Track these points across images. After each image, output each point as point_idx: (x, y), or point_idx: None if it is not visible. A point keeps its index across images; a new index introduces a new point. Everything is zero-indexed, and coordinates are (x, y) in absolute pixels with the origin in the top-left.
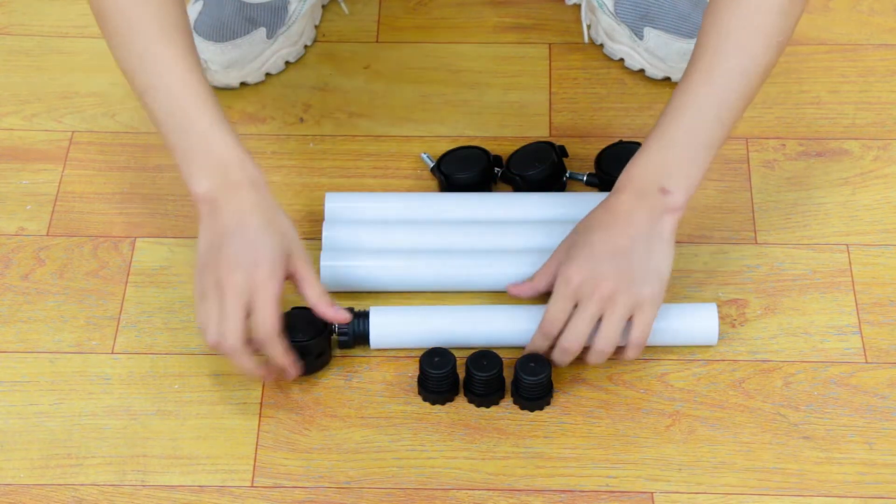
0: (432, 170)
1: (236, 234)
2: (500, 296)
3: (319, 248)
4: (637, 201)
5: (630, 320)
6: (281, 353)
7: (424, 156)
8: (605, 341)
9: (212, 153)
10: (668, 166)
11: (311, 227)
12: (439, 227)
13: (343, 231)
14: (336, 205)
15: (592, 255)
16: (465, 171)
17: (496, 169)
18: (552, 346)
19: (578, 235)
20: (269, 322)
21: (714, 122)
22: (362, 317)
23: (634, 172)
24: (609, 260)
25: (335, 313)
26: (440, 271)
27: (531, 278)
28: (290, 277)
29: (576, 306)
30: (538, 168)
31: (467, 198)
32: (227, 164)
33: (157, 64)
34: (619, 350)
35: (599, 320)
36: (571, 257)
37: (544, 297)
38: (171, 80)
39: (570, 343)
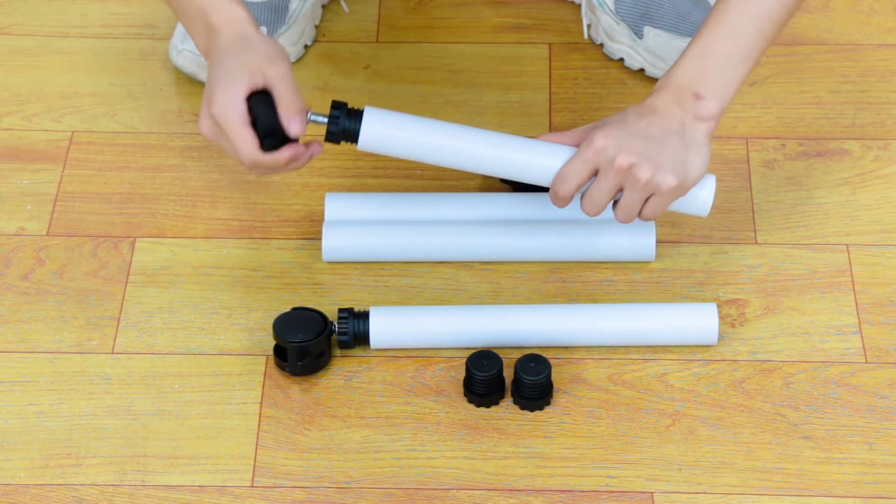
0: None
1: (211, 65)
2: (500, 296)
3: (319, 248)
4: (673, 102)
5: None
6: (270, 163)
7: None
8: (623, 215)
9: (195, 7)
10: (705, 74)
11: (311, 227)
12: (439, 227)
13: (343, 231)
14: (336, 205)
15: (624, 129)
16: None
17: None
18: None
19: (612, 116)
20: (242, 145)
21: (754, 33)
22: (362, 317)
23: (672, 77)
24: (639, 137)
25: (292, 124)
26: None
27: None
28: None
29: (594, 176)
30: None
31: (467, 198)
32: (205, 10)
33: None
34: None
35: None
36: (604, 123)
37: (545, 297)
38: None
39: (588, 211)
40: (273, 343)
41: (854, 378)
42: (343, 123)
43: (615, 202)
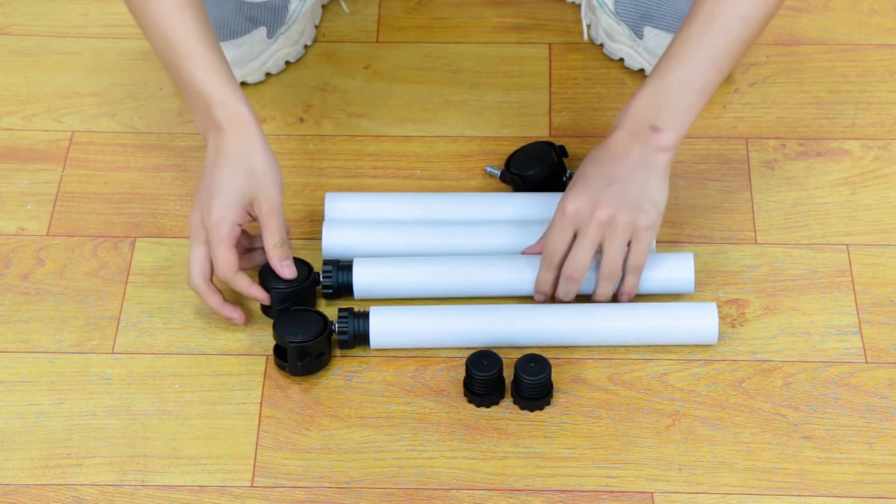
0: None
1: (205, 176)
2: (499, 296)
3: (319, 248)
4: (630, 138)
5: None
6: (245, 287)
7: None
8: (610, 265)
9: (199, 96)
10: (662, 106)
11: (311, 227)
12: (439, 227)
13: (343, 231)
14: (336, 205)
15: (588, 185)
16: (535, 167)
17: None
18: (555, 287)
19: (575, 173)
20: (221, 262)
21: (710, 67)
22: (362, 317)
23: (629, 111)
24: (605, 187)
25: (283, 269)
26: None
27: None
28: (256, 220)
29: (575, 237)
30: (538, 168)
31: (467, 198)
32: (210, 103)
33: (157, 7)
34: (618, 292)
35: (598, 253)
36: (568, 190)
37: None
38: (169, 21)
39: (573, 271)
40: (273, 343)
41: (854, 378)
42: (337, 277)
43: (596, 263)
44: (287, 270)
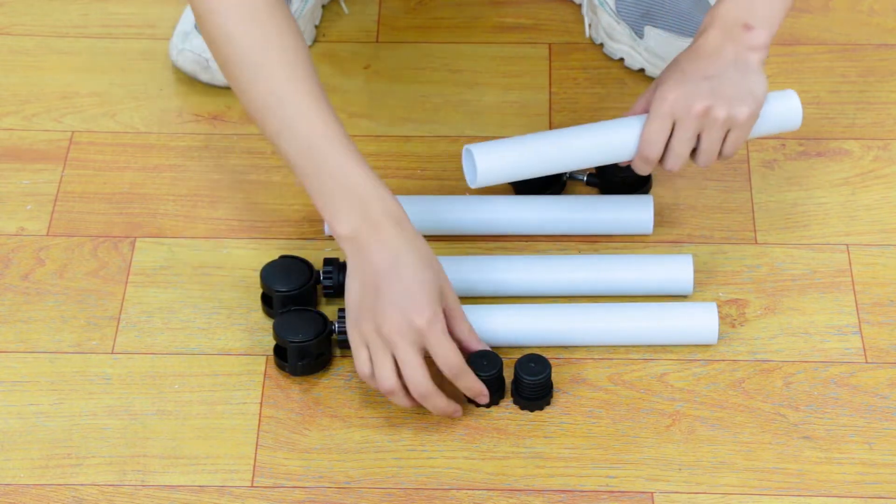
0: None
1: (391, 277)
2: (499, 296)
3: (319, 248)
4: (723, 37)
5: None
6: (474, 382)
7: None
8: (707, 158)
9: (350, 191)
10: (753, 4)
11: (311, 228)
12: (439, 228)
13: None
14: None
15: (685, 78)
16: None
17: None
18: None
19: (667, 69)
20: (452, 357)
21: None
22: None
23: (720, 9)
24: (703, 81)
25: (477, 347)
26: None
27: (629, 110)
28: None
29: (673, 128)
30: None
31: (466, 200)
32: (367, 200)
33: (285, 107)
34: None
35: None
36: (663, 80)
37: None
38: (301, 122)
39: (674, 166)
40: (273, 343)
41: (854, 378)
42: None
43: (693, 151)
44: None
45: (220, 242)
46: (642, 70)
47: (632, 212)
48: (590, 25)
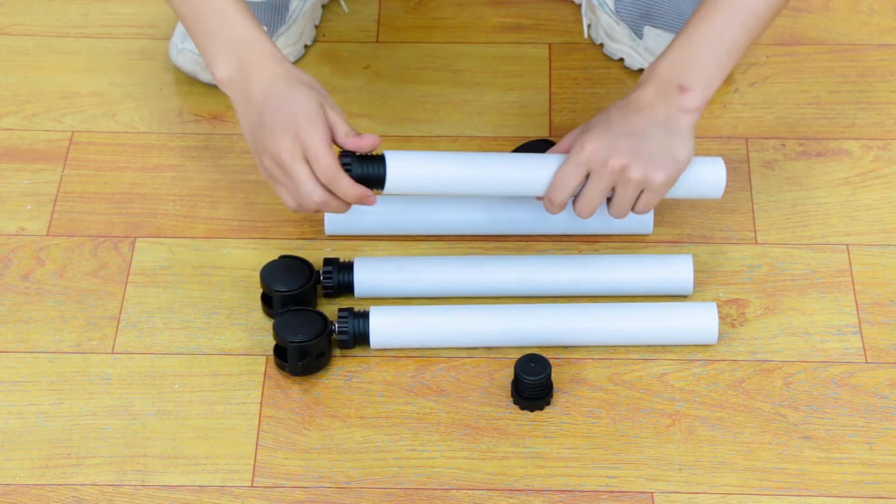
0: None
1: (268, 103)
2: (499, 296)
3: (320, 248)
4: (656, 95)
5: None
6: (350, 188)
7: None
8: (618, 212)
9: (228, 34)
10: (690, 65)
11: (311, 228)
12: (438, 228)
13: (343, 231)
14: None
15: (610, 130)
16: None
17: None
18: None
19: (597, 116)
20: (325, 164)
21: (740, 29)
22: (362, 317)
23: (657, 68)
24: (626, 137)
25: (364, 141)
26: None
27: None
28: None
29: (587, 178)
30: None
31: (466, 200)
32: (244, 42)
33: None
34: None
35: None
36: (589, 127)
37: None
38: None
39: (582, 213)
40: (273, 343)
41: (854, 378)
42: (365, 168)
43: (608, 200)
44: (366, 140)
45: (220, 242)
46: (642, 70)
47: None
48: (589, 26)
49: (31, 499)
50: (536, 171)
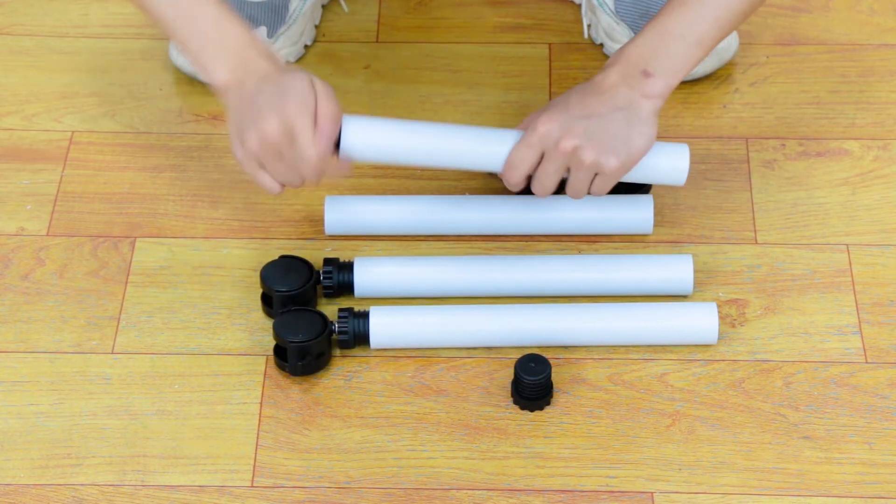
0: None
1: (260, 92)
2: (499, 296)
3: (320, 249)
4: (620, 79)
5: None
6: (334, 168)
7: None
8: (574, 193)
9: (224, 39)
10: (657, 53)
11: (311, 228)
12: (438, 228)
13: (343, 231)
14: (336, 206)
15: (566, 112)
16: None
17: None
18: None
19: (556, 99)
20: (308, 148)
21: (712, 22)
22: (362, 317)
23: (624, 53)
24: (581, 119)
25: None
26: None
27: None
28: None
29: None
30: None
31: (466, 200)
32: (241, 45)
33: None
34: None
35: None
36: (548, 107)
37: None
38: None
39: (539, 192)
40: (273, 343)
41: (854, 378)
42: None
43: (565, 181)
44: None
45: (220, 242)
46: None
47: (632, 212)
48: (589, 26)
49: (31, 499)
50: (496, 146)
